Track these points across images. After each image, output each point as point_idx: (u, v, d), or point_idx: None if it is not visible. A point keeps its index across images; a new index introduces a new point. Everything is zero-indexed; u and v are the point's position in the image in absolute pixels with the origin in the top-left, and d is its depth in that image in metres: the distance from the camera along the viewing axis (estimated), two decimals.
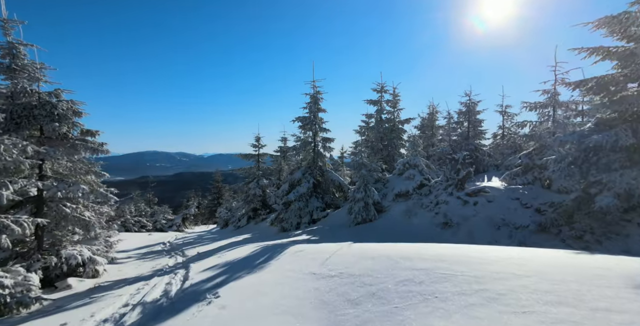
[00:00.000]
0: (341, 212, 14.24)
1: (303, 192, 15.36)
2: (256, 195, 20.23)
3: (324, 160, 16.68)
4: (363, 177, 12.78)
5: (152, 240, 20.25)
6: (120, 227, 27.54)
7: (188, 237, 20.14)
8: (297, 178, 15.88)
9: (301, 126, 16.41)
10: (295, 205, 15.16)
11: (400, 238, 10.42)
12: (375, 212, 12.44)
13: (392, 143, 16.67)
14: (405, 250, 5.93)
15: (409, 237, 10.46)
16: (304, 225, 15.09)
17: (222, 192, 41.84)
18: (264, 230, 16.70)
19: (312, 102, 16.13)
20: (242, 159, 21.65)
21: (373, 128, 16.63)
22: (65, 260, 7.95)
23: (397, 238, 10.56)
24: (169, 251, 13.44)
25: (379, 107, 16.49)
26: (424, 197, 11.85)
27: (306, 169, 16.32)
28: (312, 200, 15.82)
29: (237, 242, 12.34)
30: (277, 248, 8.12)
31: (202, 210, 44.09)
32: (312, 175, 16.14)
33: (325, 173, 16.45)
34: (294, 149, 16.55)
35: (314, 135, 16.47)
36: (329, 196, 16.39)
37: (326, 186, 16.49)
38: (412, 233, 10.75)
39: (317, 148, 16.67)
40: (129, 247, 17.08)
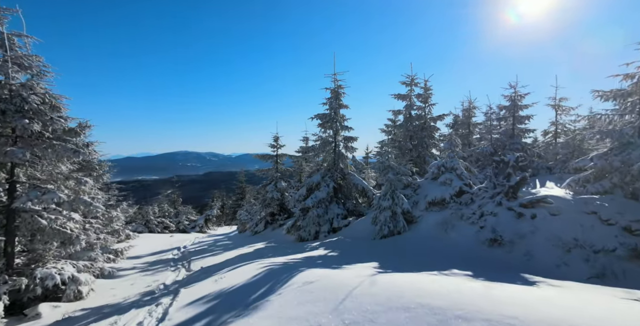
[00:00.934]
0: (365, 221, 12.31)
1: (322, 197, 13.60)
2: (274, 198, 18.74)
3: (346, 161, 14.81)
4: (390, 181, 10.79)
5: (169, 244, 19.39)
6: (143, 228, 27.26)
7: (204, 242, 19.05)
8: (316, 181, 14.15)
9: (321, 124, 14.65)
10: (313, 211, 13.43)
11: (436, 258, 8.35)
12: (405, 222, 10.40)
13: (423, 142, 14.47)
14: (461, 298, 3.96)
15: (448, 256, 8.38)
16: (322, 234, 13.32)
17: (245, 193, 41.08)
18: (280, 238, 15.11)
19: (332, 98, 14.32)
20: (260, 160, 20.27)
21: (401, 126, 14.53)
22: (40, 281, 6.72)
23: (432, 256, 8.50)
24: (176, 262, 12.19)
25: (408, 102, 14.37)
26: (464, 206, 9.66)
27: (326, 172, 14.54)
28: (332, 207, 14.01)
29: (246, 256, 10.80)
30: (284, 274, 6.40)
31: (226, 211, 43.67)
32: (332, 179, 14.34)
33: (347, 177, 14.58)
34: (313, 149, 14.83)
35: (335, 133, 14.65)
36: (351, 202, 14.50)
37: (348, 191, 14.61)
38: (450, 251, 8.64)
39: (338, 149, 14.83)
40: (142, 252, 16.19)
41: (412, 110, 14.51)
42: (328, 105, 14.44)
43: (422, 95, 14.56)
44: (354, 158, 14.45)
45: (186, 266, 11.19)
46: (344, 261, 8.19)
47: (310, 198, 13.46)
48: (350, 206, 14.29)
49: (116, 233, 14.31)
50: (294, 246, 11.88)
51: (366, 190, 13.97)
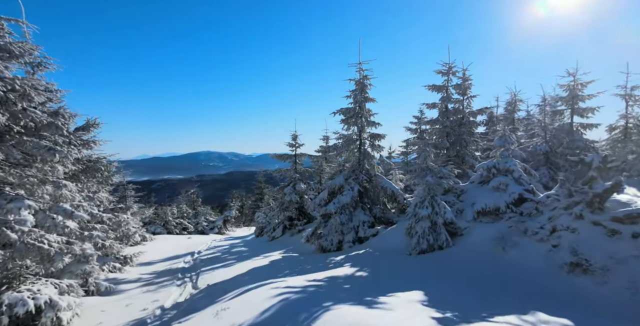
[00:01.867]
0: (396, 232, 10.46)
1: (346, 202, 11.86)
2: (292, 201, 17.20)
3: (372, 161, 12.99)
4: (429, 186, 8.90)
5: (185, 248, 18.33)
6: (162, 229, 26.60)
7: (220, 247, 17.81)
8: (338, 184, 12.43)
9: (344, 120, 12.92)
10: (335, 218, 11.72)
11: (496, 286, 6.42)
12: (448, 235, 8.49)
13: (461, 140, 12.39)
14: None
15: (510, 284, 6.42)
16: (347, 244, 11.59)
17: (264, 194, 39.99)
18: (299, 246, 13.52)
19: (357, 90, 12.54)
20: (277, 160, 18.82)
21: (436, 121, 12.52)
22: (7, 308, 5.44)
23: (489, 283, 6.56)
24: (185, 273, 10.88)
25: (445, 94, 12.33)
26: (527, 218, 7.63)
27: (349, 173, 12.79)
28: (357, 213, 12.24)
29: (260, 271, 9.27)
30: (303, 313, 4.75)
31: (245, 211, 42.85)
32: (357, 181, 12.57)
33: (374, 179, 12.75)
34: (335, 148, 13.12)
35: (360, 130, 12.87)
36: (378, 208, 12.66)
37: (375, 195, 12.79)
38: (513, 276, 6.67)
39: (363, 147, 13.05)
40: (155, 257, 15.12)
41: (448, 103, 12.46)
42: (352, 98, 12.68)
43: (460, 85, 12.48)
44: (381, 158, 12.57)
45: (194, 280, 9.83)
46: (378, 287, 6.44)
47: (333, 203, 11.76)
48: (378, 212, 12.46)
49: (126, 239, 13.25)
50: (315, 259, 10.23)
51: (396, 194, 12.09)
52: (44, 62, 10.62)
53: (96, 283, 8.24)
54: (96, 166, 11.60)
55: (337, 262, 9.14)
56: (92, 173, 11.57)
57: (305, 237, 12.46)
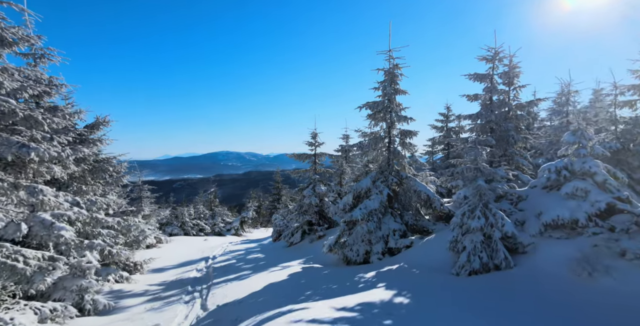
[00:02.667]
0: (435, 244, 8.85)
1: (374, 207, 10.35)
2: (311, 204, 15.84)
3: (403, 161, 11.40)
4: (480, 191, 7.26)
5: (200, 252, 17.41)
6: (179, 230, 25.98)
7: (236, 251, 16.72)
8: (365, 187, 10.93)
9: (371, 115, 11.41)
10: (362, 226, 10.23)
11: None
12: (507, 253, 6.82)
13: (508, 137, 10.58)
14: None
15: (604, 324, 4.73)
16: (375, 255, 10.09)
17: (281, 194, 38.95)
18: (320, 255, 12.12)
19: (387, 81, 10.99)
20: (295, 160, 17.51)
21: (479, 115, 10.75)
22: None
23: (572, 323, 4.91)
24: (195, 286, 9.74)
25: (489, 84, 10.54)
26: (623, 235, 5.86)
27: (377, 175, 11.26)
28: (387, 220, 10.70)
29: (277, 289, 7.95)
30: None
31: (262, 211, 42.04)
32: (385, 184, 11.03)
33: (405, 181, 11.16)
34: (360, 147, 11.62)
35: (389, 126, 11.31)
36: (410, 214, 11.06)
37: (406, 199, 11.19)
38: (607, 313, 4.97)
39: (392, 146, 11.48)
40: (168, 263, 14.20)
41: (494, 94, 10.66)
42: (381, 90, 11.15)
43: (507, 74, 10.65)
44: (412, 157, 10.95)
45: (204, 295, 8.66)
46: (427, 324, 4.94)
47: (359, 208, 10.27)
48: (410, 220, 10.87)
49: (136, 244, 12.33)
50: (340, 274, 8.79)
51: (432, 199, 10.45)
52: (47, 53, 9.81)
53: (93, 301, 7.17)
54: (103, 167, 10.68)
55: (367, 281, 7.66)
56: (99, 174, 10.66)
57: (328, 246, 11.04)
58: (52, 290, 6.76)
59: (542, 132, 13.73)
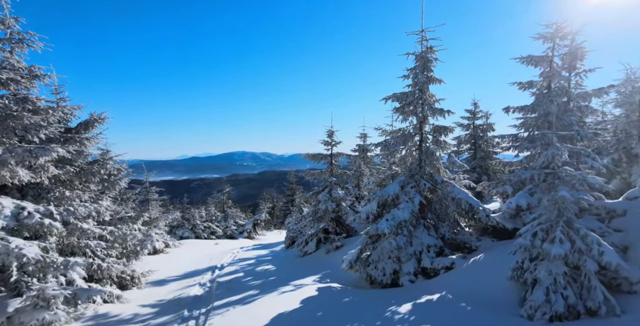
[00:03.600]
0: (484, 267, 6.92)
1: (403, 218, 8.49)
2: (327, 210, 14.09)
3: (438, 163, 9.47)
4: (559, 205, 5.30)
5: (207, 259, 16.02)
6: (190, 233, 24.84)
7: (245, 260, 15.22)
8: (392, 193, 9.08)
9: (398, 109, 9.56)
10: (390, 241, 8.38)
11: None
12: (607, 293, 4.85)
13: (573, 133, 8.45)
14: None
15: None
16: (406, 276, 8.23)
17: (295, 195, 37.42)
18: (338, 271, 10.34)
19: (418, 67, 9.10)
20: (309, 160, 15.81)
21: (533, 107, 8.64)
22: None
23: None
24: (192, 309, 8.19)
25: (547, 68, 8.42)
26: None
27: (407, 179, 9.38)
28: (419, 234, 8.81)
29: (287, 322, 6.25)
30: None
31: (276, 213, 40.71)
32: (417, 190, 9.15)
33: (440, 187, 9.23)
34: (385, 146, 9.77)
35: (421, 122, 9.40)
36: (447, 226, 9.11)
37: (442, 208, 9.27)
38: None
39: (425, 144, 9.58)
40: (170, 274, 12.82)
41: (553, 81, 8.55)
42: (411, 78, 9.26)
43: (568, 55, 8.52)
44: (449, 158, 9.01)
45: (201, 321, 7.09)
46: None
47: (386, 219, 8.43)
48: (447, 233, 8.92)
49: (134, 254, 10.95)
50: (365, 304, 6.99)
51: (475, 208, 8.47)
52: (25, 38, 8.51)
53: None
54: (92, 169, 9.31)
55: (403, 321, 5.83)
56: (89, 177, 9.30)
57: (348, 262, 9.26)
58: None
59: (600, 127, 11.43)
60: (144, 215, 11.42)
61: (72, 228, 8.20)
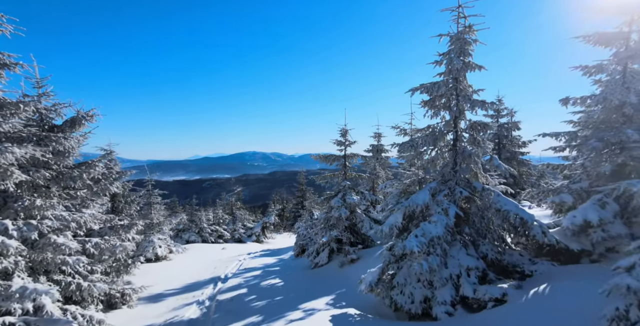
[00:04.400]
0: (553, 304, 5.23)
1: (436, 234, 6.87)
2: (341, 218, 12.54)
3: (476, 167, 7.79)
4: None
5: (210, 267, 14.75)
6: (196, 237, 23.70)
7: (251, 272, 13.84)
8: (421, 203, 7.45)
9: (427, 102, 7.93)
10: (420, 263, 6.75)
11: None
12: None
13: None
14: None
15: None
16: (441, 307, 6.60)
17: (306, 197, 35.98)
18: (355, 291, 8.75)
19: (453, 51, 7.45)
20: (320, 162, 14.30)
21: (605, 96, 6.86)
22: None
23: None
24: None
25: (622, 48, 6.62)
26: None
27: (439, 186, 7.74)
28: (456, 253, 7.15)
29: None
30: None
31: (286, 214, 39.41)
32: (451, 199, 7.51)
33: (480, 195, 7.55)
34: (411, 145, 8.13)
35: (455, 117, 7.75)
36: (489, 244, 7.40)
37: (483, 222, 7.57)
38: None
39: (460, 144, 7.91)
40: (168, 287, 11.55)
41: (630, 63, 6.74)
42: (444, 65, 7.62)
43: None
44: (491, 159, 7.29)
45: None
46: None
47: (414, 235, 6.82)
48: (490, 253, 7.23)
49: (124, 268, 9.67)
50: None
51: (528, 224, 6.75)
52: None
53: None
54: (73, 173, 8.04)
55: None
56: (68, 183, 8.02)
57: (368, 284, 7.68)
58: None
59: None
60: (138, 224, 10.11)
61: (44, 243, 6.94)
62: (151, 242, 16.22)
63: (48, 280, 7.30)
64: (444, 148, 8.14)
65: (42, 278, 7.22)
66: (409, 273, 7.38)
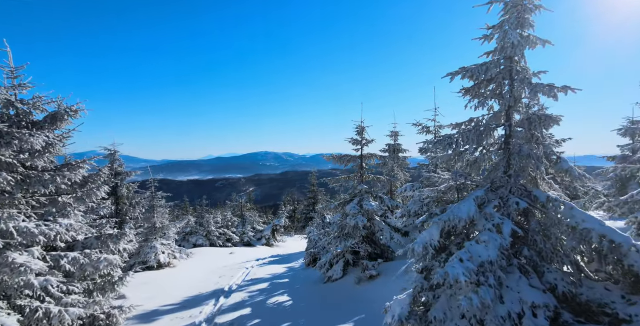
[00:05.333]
0: None
1: (488, 258, 5.15)
2: (357, 227, 10.89)
3: (536, 172, 6.00)
4: None
5: (215, 277, 13.41)
6: (204, 240, 22.51)
7: (258, 284, 12.39)
8: (465, 217, 5.72)
9: (470, 89, 6.21)
10: (468, 297, 5.05)
11: None
12: None
13: None
14: None
15: None
16: None
17: (317, 198, 34.45)
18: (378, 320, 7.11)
19: (507, 22, 5.71)
20: (333, 163, 12.70)
21: None
22: None
23: None
24: None
25: None
26: None
27: (488, 195, 6.00)
28: (515, 283, 5.39)
29: None
30: None
31: (297, 216, 38.02)
32: (505, 212, 5.76)
33: (543, 208, 5.76)
34: (449, 144, 6.41)
35: (509, 107, 5.99)
36: (558, 272, 5.60)
37: (547, 243, 5.77)
38: None
39: (514, 141, 6.15)
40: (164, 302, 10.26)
41: None
42: (495, 40, 5.90)
43: None
44: (558, 161, 5.43)
45: None
46: None
47: (459, 260, 5.13)
48: (561, 284, 5.43)
49: (110, 285, 8.34)
50: None
51: (621, 248, 4.93)
52: None
53: None
54: (44, 177, 6.74)
55: None
56: (37, 188, 6.73)
57: (397, 318, 6.01)
58: None
59: None
60: (127, 235, 8.79)
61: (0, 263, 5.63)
62: (153, 248, 15.02)
63: (9, 306, 6.00)
64: (492, 147, 6.39)
65: (2, 303, 5.91)
66: (449, 305, 5.69)
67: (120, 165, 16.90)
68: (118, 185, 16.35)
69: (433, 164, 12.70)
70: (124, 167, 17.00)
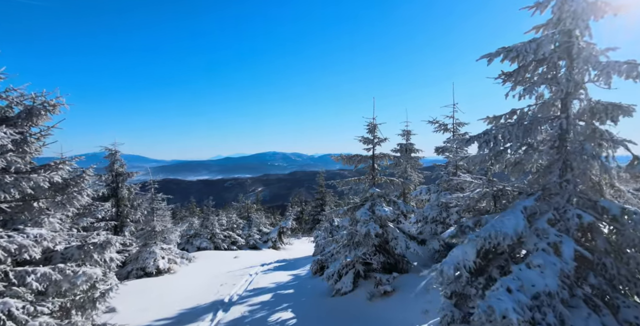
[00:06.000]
0: None
1: (545, 288, 3.89)
2: (369, 235, 9.62)
3: (601, 175, 4.66)
4: None
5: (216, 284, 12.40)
6: (208, 243, 21.58)
7: (261, 294, 11.28)
8: (511, 233, 4.42)
9: (511, 74, 4.90)
10: None
11: None
12: None
13: None
14: None
15: None
16: None
17: (325, 200, 33.25)
18: None
19: None
20: (342, 163, 11.47)
21: None
22: None
23: None
24: None
25: None
26: None
27: (538, 205, 4.67)
28: (582, 322, 4.07)
29: None
30: None
31: (305, 217, 36.93)
32: (563, 227, 4.42)
33: (611, 221, 4.42)
34: (486, 141, 5.10)
35: (567, 94, 4.66)
36: (634, 308, 4.26)
37: (620, 269, 4.43)
38: None
39: (569, 136, 4.81)
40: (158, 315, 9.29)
41: None
42: (549, 9, 4.57)
43: None
44: (635, 163, 4.03)
45: None
46: None
47: (506, 290, 3.87)
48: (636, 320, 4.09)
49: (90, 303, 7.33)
50: None
51: None
52: None
53: None
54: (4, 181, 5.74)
55: None
56: None
57: None
58: None
59: None
60: (112, 243, 7.75)
61: None
62: (152, 253, 14.08)
63: None
64: (541, 144, 5.07)
65: None
66: None
67: (121, 166, 16.06)
68: (118, 186, 15.50)
69: (452, 165, 11.33)
70: (125, 168, 16.16)
